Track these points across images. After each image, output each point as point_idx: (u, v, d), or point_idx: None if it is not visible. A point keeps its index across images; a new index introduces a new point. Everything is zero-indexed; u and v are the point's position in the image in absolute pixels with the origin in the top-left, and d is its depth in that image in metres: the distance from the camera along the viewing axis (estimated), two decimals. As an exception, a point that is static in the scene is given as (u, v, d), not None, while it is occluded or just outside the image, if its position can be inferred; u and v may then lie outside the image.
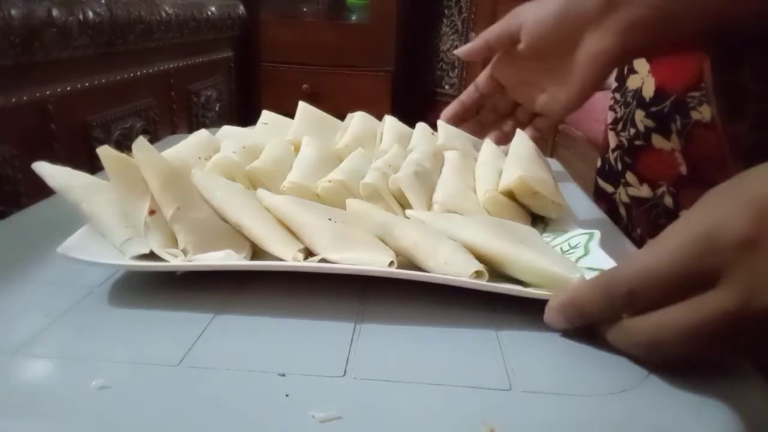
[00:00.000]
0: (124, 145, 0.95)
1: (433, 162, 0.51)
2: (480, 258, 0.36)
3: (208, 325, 0.33)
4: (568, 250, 0.42)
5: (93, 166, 0.40)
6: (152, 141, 1.03)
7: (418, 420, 0.27)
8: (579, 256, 0.40)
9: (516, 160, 0.48)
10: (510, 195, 0.46)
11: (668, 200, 0.56)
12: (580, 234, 0.43)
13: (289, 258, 0.36)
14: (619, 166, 0.62)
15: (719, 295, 0.26)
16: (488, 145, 0.55)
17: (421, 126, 0.61)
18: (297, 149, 0.52)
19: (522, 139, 0.53)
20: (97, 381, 0.27)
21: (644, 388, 0.30)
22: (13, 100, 0.70)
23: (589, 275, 0.37)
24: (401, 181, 0.45)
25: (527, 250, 0.36)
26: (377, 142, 0.58)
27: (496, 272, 0.37)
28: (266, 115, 0.62)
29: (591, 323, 0.32)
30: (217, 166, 0.46)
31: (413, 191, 0.45)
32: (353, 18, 2.04)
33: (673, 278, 0.28)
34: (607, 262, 0.38)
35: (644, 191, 0.59)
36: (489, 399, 0.28)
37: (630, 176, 0.61)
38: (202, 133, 0.54)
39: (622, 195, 0.63)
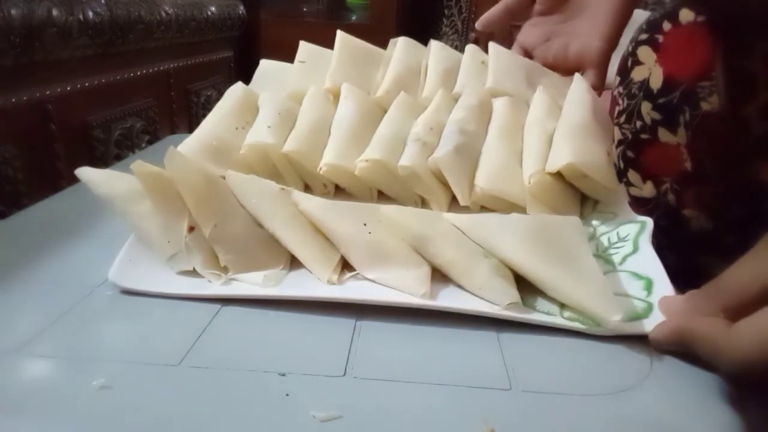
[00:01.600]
0: (124, 144, 0.94)
1: (479, 118, 0.48)
2: (516, 273, 0.35)
3: (209, 325, 0.33)
4: (616, 242, 0.39)
5: (93, 166, 0.40)
6: (152, 141, 1.03)
7: (418, 419, 0.27)
8: (627, 253, 0.38)
9: (569, 130, 0.44)
10: (558, 173, 0.43)
11: (671, 197, 0.55)
12: (631, 222, 0.40)
13: (325, 280, 0.36)
14: (622, 164, 0.62)
15: None
16: (540, 96, 0.50)
17: (471, 52, 0.55)
18: (336, 97, 0.50)
19: (578, 93, 0.48)
20: (97, 381, 0.27)
21: (644, 388, 0.29)
22: (13, 100, 0.70)
23: (633, 287, 0.35)
24: (441, 163, 0.43)
25: (568, 276, 0.34)
26: (421, 80, 0.54)
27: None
28: (303, 49, 0.57)
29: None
30: (252, 149, 0.45)
31: (454, 174, 0.43)
32: (353, 18, 2.04)
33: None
34: (656, 268, 0.36)
35: (647, 190, 0.58)
36: (489, 398, 0.28)
37: (632, 175, 0.60)
38: (237, 91, 0.52)
39: None
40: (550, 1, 0.54)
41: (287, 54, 0.60)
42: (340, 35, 0.56)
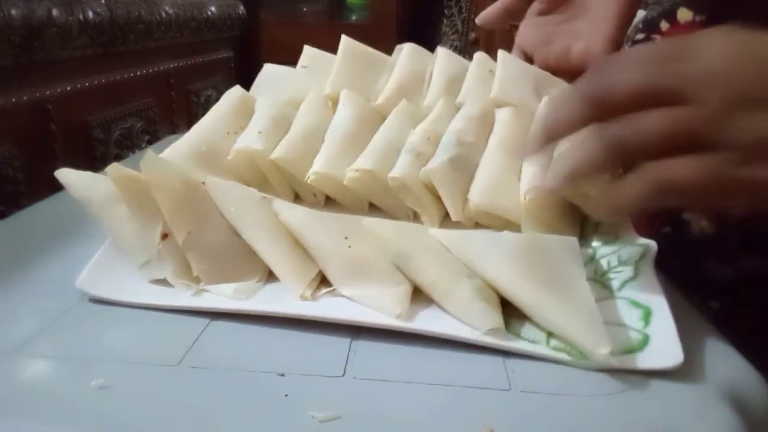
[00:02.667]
0: (124, 144, 0.94)
1: (479, 130, 0.46)
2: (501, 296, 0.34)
3: (208, 325, 0.33)
4: (616, 266, 0.37)
5: (93, 166, 0.40)
6: (152, 141, 1.03)
7: (418, 420, 0.27)
8: (626, 278, 0.36)
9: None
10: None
11: None
12: (633, 245, 0.37)
13: (299, 295, 0.34)
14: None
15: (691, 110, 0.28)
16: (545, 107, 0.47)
17: (478, 60, 0.54)
18: (335, 104, 0.49)
19: None
20: (97, 381, 0.27)
21: (644, 388, 0.30)
22: (13, 100, 0.70)
23: (630, 317, 0.33)
24: (433, 175, 0.41)
25: (556, 301, 0.32)
26: (425, 87, 0.52)
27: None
28: (307, 53, 0.55)
29: None
30: (240, 155, 0.44)
31: (446, 187, 0.41)
32: (353, 18, 2.04)
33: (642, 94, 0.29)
34: (656, 296, 0.34)
35: None
36: (488, 399, 0.28)
37: None
38: (234, 95, 0.50)
39: None
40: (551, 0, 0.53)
41: (287, 54, 0.59)
42: (344, 40, 0.54)
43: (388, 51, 0.57)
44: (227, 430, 0.26)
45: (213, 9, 1.29)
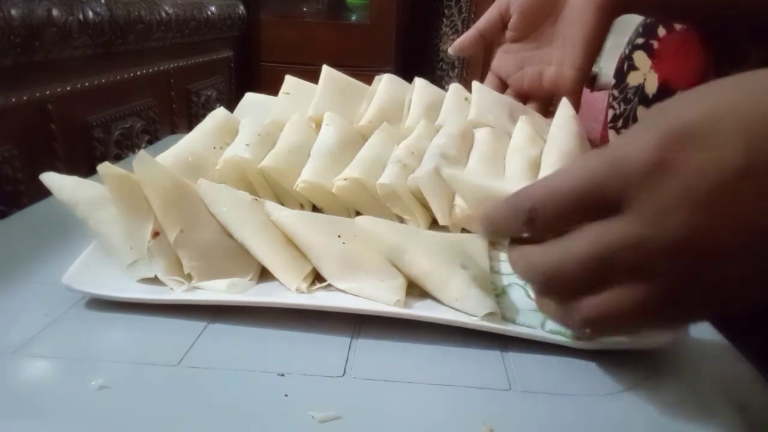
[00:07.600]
0: (124, 144, 0.94)
1: (461, 145, 0.48)
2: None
3: (208, 326, 0.33)
4: None
5: (93, 166, 0.40)
6: (152, 141, 1.03)
7: (418, 420, 0.27)
8: None
9: (558, 159, 0.44)
10: None
11: None
12: None
13: (293, 288, 0.35)
14: None
15: (622, 223, 0.24)
16: (522, 125, 0.50)
17: (454, 90, 0.56)
18: (319, 126, 0.50)
19: (565, 118, 0.48)
20: (97, 381, 0.28)
21: (644, 388, 0.30)
22: (13, 100, 0.70)
23: None
24: (420, 182, 0.42)
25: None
26: (405, 113, 0.55)
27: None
28: (289, 82, 0.58)
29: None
30: (228, 164, 0.45)
31: (433, 193, 0.42)
32: (353, 18, 2.04)
33: (575, 199, 0.25)
34: None
35: None
36: (488, 399, 0.28)
37: None
38: (219, 115, 0.52)
39: None
40: (521, 28, 0.55)
41: (287, 54, 0.59)
42: (326, 70, 0.57)
43: (389, 50, 0.58)
44: (227, 430, 0.26)
45: (213, 9, 1.29)
